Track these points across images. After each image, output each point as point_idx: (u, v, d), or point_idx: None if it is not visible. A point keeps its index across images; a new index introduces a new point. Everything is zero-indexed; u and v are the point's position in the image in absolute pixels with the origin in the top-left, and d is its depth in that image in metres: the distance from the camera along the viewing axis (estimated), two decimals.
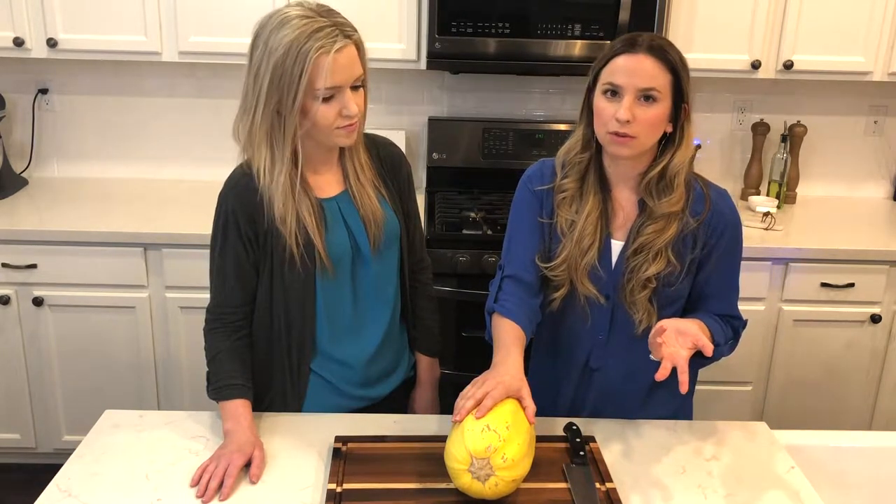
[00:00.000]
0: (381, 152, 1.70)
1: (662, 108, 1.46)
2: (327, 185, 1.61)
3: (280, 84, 1.45)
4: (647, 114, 1.46)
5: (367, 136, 1.67)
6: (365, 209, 1.61)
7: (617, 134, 1.47)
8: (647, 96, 1.45)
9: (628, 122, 1.45)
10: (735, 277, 1.63)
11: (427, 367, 1.85)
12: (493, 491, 1.30)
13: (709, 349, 1.39)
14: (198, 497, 1.36)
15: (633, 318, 1.57)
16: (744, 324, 1.64)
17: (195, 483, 1.39)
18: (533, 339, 1.72)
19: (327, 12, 1.49)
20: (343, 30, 1.46)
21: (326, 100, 1.46)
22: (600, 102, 1.49)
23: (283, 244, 1.54)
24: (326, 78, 1.43)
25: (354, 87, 1.50)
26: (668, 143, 1.52)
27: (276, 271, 1.58)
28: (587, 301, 1.58)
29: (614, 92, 1.47)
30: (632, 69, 1.46)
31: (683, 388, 1.34)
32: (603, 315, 1.60)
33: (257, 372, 1.65)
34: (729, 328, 1.60)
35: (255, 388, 1.64)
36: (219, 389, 1.55)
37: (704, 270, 1.59)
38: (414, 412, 1.84)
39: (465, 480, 1.30)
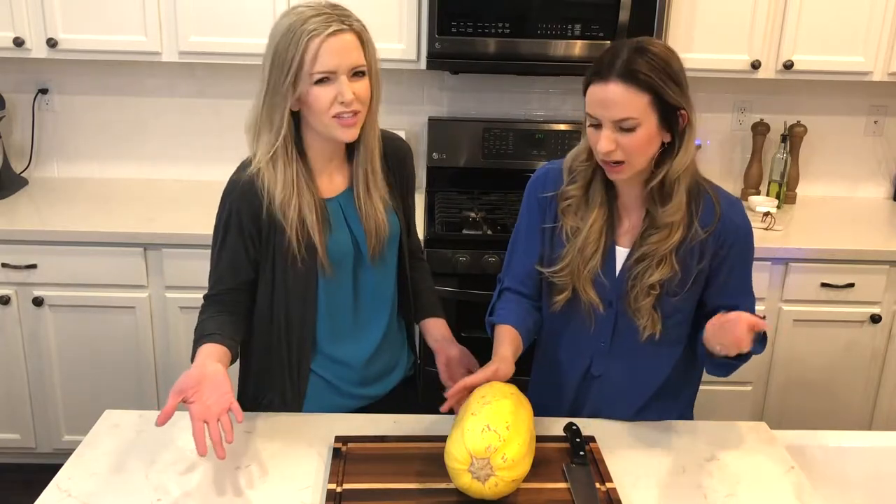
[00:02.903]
0: (387, 147, 1.69)
1: (645, 130, 1.42)
2: (332, 184, 1.61)
3: (276, 65, 1.48)
4: (629, 141, 1.42)
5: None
6: (368, 221, 1.61)
7: (606, 162, 1.46)
8: (623, 126, 1.41)
9: (612, 151, 1.42)
10: (748, 284, 1.60)
11: (441, 326, 1.78)
12: (493, 491, 1.30)
13: (762, 324, 1.35)
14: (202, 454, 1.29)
15: (636, 324, 1.56)
16: None
17: (203, 449, 1.30)
18: (535, 345, 1.73)
19: (333, 6, 1.50)
20: (342, 19, 1.48)
21: (321, 84, 1.47)
22: (588, 129, 1.47)
23: (285, 243, 1.54)
24: (317, 61, 1.45)
25: (356, 77, 1.50)
26: (668, 150, 1.48)
27: (279, 270, 1.58)
28: (591, 307, 1.58)
29: (596, 123, 1.44)
30: (603, 101, 1.41)
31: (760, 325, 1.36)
32: (606, 322, 1.60)
33: (257, 372, 1.65)
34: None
35: (255, 389, 1.64)
36: (194, 343, 1.50)
37: (717, 281, 1.55)
38: (449, 382, 1.68)
39: (465, 480, 1.30)
